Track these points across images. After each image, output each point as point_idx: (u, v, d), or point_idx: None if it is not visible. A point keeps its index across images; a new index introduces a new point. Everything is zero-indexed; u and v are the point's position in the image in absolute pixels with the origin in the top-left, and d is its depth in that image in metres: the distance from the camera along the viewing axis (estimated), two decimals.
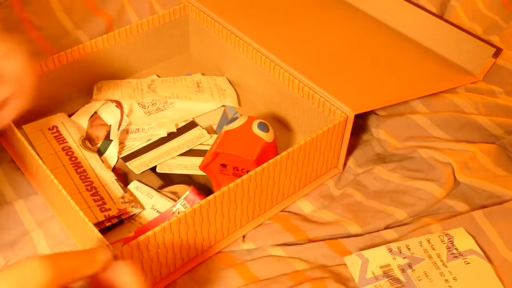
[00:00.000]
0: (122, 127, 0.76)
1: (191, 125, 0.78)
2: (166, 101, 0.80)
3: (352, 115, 0.69)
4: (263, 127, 0.68)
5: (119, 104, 0.78)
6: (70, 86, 0.81)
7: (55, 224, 0.67)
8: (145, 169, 0.72)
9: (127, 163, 0.72)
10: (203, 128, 0.77)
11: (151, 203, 0.68)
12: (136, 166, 0.72)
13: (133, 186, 0.70)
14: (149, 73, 0.88)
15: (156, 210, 0.68)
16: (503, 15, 0.96)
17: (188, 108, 0.80)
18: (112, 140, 0.74)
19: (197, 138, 0.76)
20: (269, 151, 0.67)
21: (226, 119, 0.80)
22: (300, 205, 0.71)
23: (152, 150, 0.75)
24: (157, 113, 0.79)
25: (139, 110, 0.78)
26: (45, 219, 0.68)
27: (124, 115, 0.76)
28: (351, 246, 0.66)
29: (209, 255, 0.64)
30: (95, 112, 0.79)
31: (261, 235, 0.67)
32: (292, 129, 0.80)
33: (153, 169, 0.73)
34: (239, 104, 0.83)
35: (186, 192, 0.66)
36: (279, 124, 0.81)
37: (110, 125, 0.76)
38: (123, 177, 0.72)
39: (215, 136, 0.76)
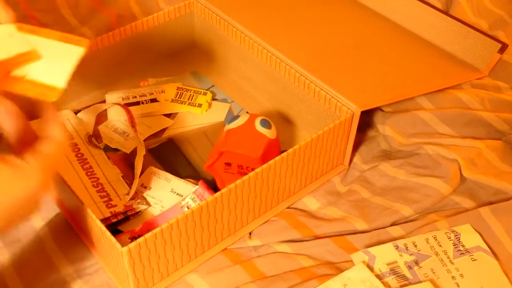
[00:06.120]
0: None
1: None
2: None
3: (358, 111, 0.68)
4: (265, 124, 0.68)
5: (126, 109, 0.78)
6: (75, 84, 0.80)
7: (61, 221, 0.67)
8: None
9: None
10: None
11: (170, 187, 0.68)
12: None
13: (149, 171, 0.70)
14: (154, 71, 0.88)
15: (176, 193, 0.67)
16: (509, 10, 0.96)
17: None
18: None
19: None
20: (273, 148, 0.67)
21: (232, 115, 0.80)
22: (306, 202, 0.71)
23: None
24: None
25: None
26: (51, 216, 0.68)
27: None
28: (357, 243, 0.66)
29: (216, 252, 0.65)
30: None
31: (267, 232, 0.67)
32: (297, 126, 0.80)
33: (159, 161, 0.72)
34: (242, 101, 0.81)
35: (196, 186, 0.66)
36: (285, 121, 0.80)
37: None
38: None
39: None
